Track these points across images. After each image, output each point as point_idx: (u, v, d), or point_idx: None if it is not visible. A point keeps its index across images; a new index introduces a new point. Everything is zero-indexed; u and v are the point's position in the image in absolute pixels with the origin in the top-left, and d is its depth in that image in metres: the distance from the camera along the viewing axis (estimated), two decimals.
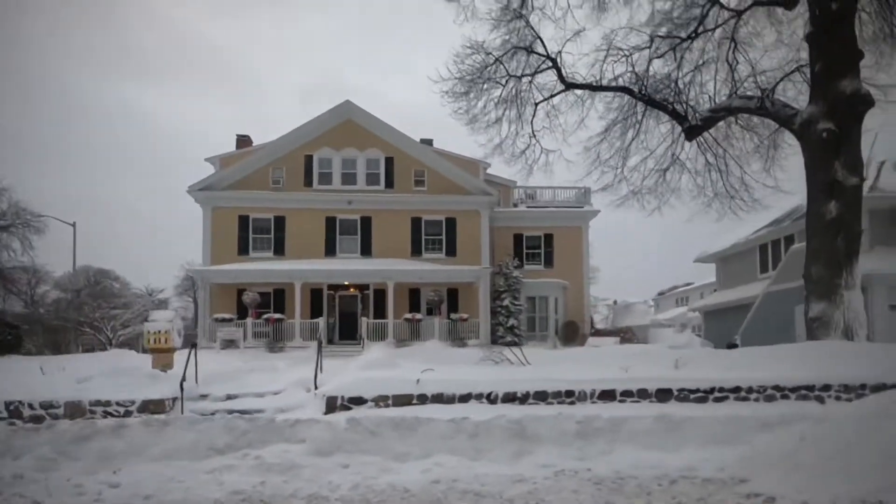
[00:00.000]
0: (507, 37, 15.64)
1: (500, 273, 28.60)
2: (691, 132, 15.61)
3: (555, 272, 30.67)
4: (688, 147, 16.89)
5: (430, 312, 26.03)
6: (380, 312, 25.37)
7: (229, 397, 10.31)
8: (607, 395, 9.76)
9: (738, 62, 16.92)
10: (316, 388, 9.96)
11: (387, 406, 9.21)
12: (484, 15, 15.48)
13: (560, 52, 15.92)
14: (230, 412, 9.18)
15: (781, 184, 16.58)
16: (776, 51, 16.14)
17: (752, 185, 16.73)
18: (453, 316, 25.72)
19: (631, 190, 16.83)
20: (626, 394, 9.80)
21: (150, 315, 12.07)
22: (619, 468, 6.90)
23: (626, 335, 30.22)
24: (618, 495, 6.34)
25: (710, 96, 15.89)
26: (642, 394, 9.82)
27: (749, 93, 15.35)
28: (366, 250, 26.70)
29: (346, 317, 27.29)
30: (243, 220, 26.02)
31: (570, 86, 16.12)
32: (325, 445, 7.08)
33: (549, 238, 30.83)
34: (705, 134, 16.54)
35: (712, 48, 17.09)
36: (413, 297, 26.94)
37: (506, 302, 28.37)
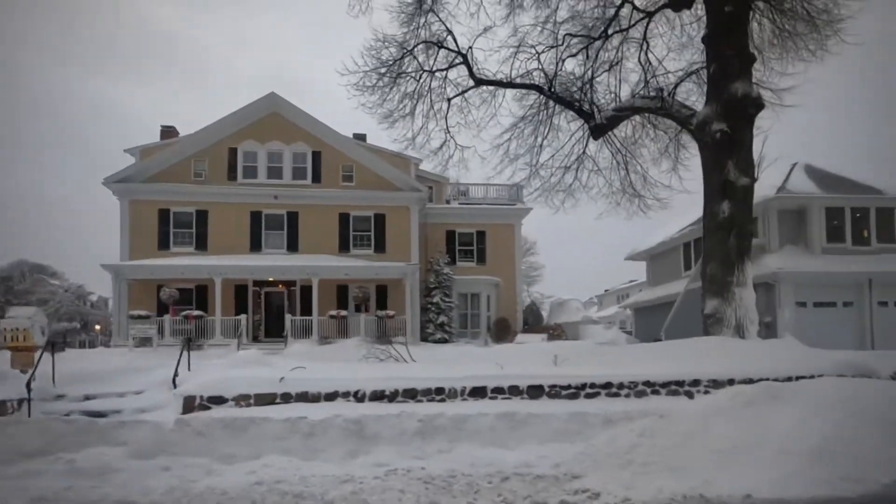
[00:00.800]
0: (418, 31, 15.48)
1: (430, 270, 28.54)
2: (597, 131, 15.77)
3: (487, 269, 30.81)
4: (599, 146, 17.08)
5: (358, 309, 25.78)
6: (308, 309, 24.95)
7: (87, 398, 9.89)
8: (478, 393, 9.69)
9: (649, 63, 17.18)
10: (175, 386, 9.63)
11: (248, 405, 8.95)
12: (389, 8, 15.29)
13: (471, 47, 15.89)
14: (85, 413, 8.80)
15: (686, 184, 16.92)
16: (685, 52, 16.45)
17: (658, 184, 17.02)
18: (380, 313, 25.51)
19: (542, 186, 16.94)
20: (498, 391, 9.76)
21: (8, 311, 11.44)
22: (454, 466, 6.83)
23: (556, 332, 30.50)
24: (444, 494, 6.25)
25: (615, 95, 16.06)
26: (514, 390, 9.79)
27: (653, 93, 15.57)
28: (292, 246, 26.25)
29: (272, 314, 26.83)
30: (163, 214, 25.23)
31: (480, 82, 16.08)
32: (147, 448, 6.81)
33: (481, 235, 30.93)
34: (615, 133, 16.75)
35: (625, 48, 17.31)
36: (341, 293, 26.63)
37: (436, 299, 28.33)
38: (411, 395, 9.53)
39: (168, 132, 28.18)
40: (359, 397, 9.35)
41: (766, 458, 6.90)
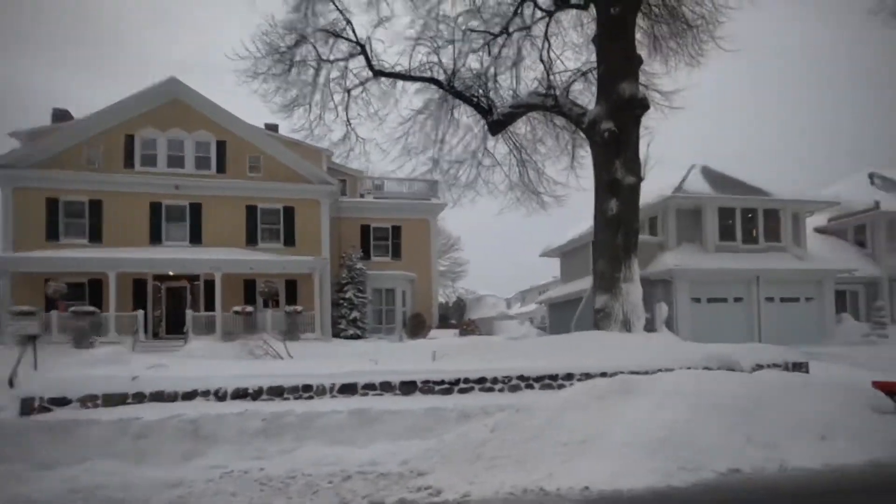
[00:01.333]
0: (307, 17, 15.04)
1: (343, 265, 28.07)
2: (495, 127, 15.86)
3: (403, 264, 30.60)
4: (498, 141, 17.18)
5: (266, 305, 25.02)
6: (213, 304, 23.96)
7: None
8: (348, 389, 9.47)
9: (550, 61, 17.40)
10: (12, 386, 8.92)
11: (95, 406, 8.37)
12: None
13: (369, 37, 15.61)
14: None
15: (583, 182, 17.28)
16: (584, 51, 16.74)
17: (554, 182, 17.30)
18: (288, 308, 24.86)
19: (444, 181, 16.87)
20: (369, 387, 9.57)
21: None
22: (296, 466, 6.60)
23: (469, 327, 30.69)
24: (280, 496, 6.00)
25: (514, 92, 16.18)
26: (386, 387, 9.63)
27: (547, 90, 15.77)
28: (195, 238, 25.17)
29: (173, 309, 25.65)
30: (52, 203, 23.62)
31: (378, 73, 15.84)
32: None
33: (397, 230, 30.69)
34: (514, 131, 16.91)
35: (527, 46, 17.46)
36: (248, 288, 25.74)
37: (349, 294, 27.90)
38: (277, 392, 9.19)
39: (61, 116, 26.40)
40: (220, 396, 8.94)
41: (610, 449, 7.02)
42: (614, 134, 14.09)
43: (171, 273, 24.52)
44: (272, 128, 28.01)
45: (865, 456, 7.60)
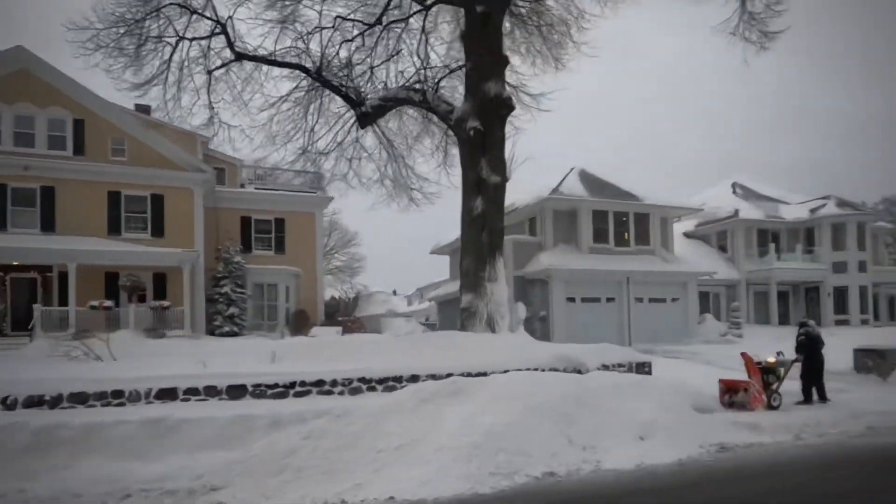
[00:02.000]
0: None
1: (220, 258, 26.60)
2: (363, 119, 15.42)
3: (287, 259, 29.45)
4: (372, 136, 16.74)
5: (130, 299, 23.18)
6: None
7: None
8: (167, 395, 8.71)
9: (428, 55, 17.14)
10: None
11: None
12: None
13: (231, 17, 14.66)
14: None
15: (455, 179, 17.15)
16: (458, 47, 16.54)
17: (426, 179, 17.12)
18: (153, 304, 23.19)
19: (315, 172, 16.20)
20: (192, 392, 8.86)
21: None
22: (67, 486, 5.86)
23: (354, 325, 30.10)
24: None
25: (384, 84, 15.79)
26: (211, 391, 8.96)
27: (417, 85, 15.52)
28: (47, 225, 22.90)
29: (20, 304, 23.23)
30: None
31: (240, 56, 14.94)
32: None
33: (280, 223, 29.49)
34: (386, 125, 16.55)
35: (405, 39, 17.11)
36: (110, 281, 23.73)
37: (226, 289, 26.42)
38: (80, 399, 8.29)
39: None
40: (8, 404, 7.92)
41: (424, 456, 6.78)
42: (480, 133, 14.03)
43: (14, 262, 22.16)
44: (144, 110, 26.07)
45: (678, 455, 7.82)
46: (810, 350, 13.36)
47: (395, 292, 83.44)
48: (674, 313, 25.58)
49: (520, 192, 26.72)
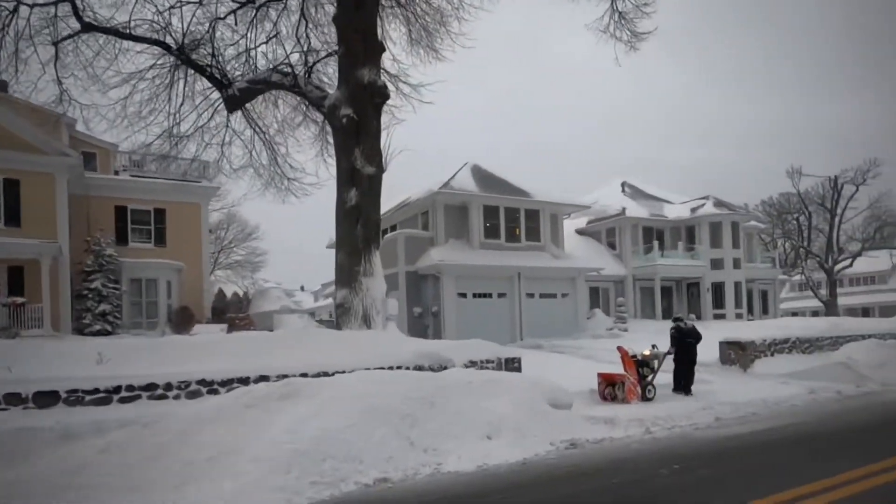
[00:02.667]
0: None
1: (89, 250, 24.45)
2: (231, 102, 14.42)
3: (168, 252, 27.54)
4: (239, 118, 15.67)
5: None
6: None
7: None
8: None
9: (308, 38, 16.28)
10: None
11: None
12: None
13: None
14: None
15: (333, 170, 16.41)
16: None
17: (301, 170, 16.32)
18: (4, 300, 20.92)
19: (201, 160, 14.97)
20: None
21: None
22: None
23: (244, 322, 28.64)
24: None
25: (255, 66, 14.81)
26: (13, 399, 7.85)
27: (287, 69, 14.66)
28: None
29: None
30: None
31: (89, 27, 13.51)
32: None
33: (160, 213, 27.52)
34: (262, 111, 15.62)
35: (286, 19, 16.17)
36: None
37: (96, 284, 24.31)
38: None
39: None
40: None
41: (238, 467, 6.14)
42: (353, 121, 13.42)
43: None
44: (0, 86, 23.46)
45: (525, 454, 7.60)
46: (680, 343, 13.90)
47: (302, 288, 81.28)
48: (564, 308, 26.06)
49: (416, 188, 26.40)
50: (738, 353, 16.52)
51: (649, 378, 12.87)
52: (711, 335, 18.31)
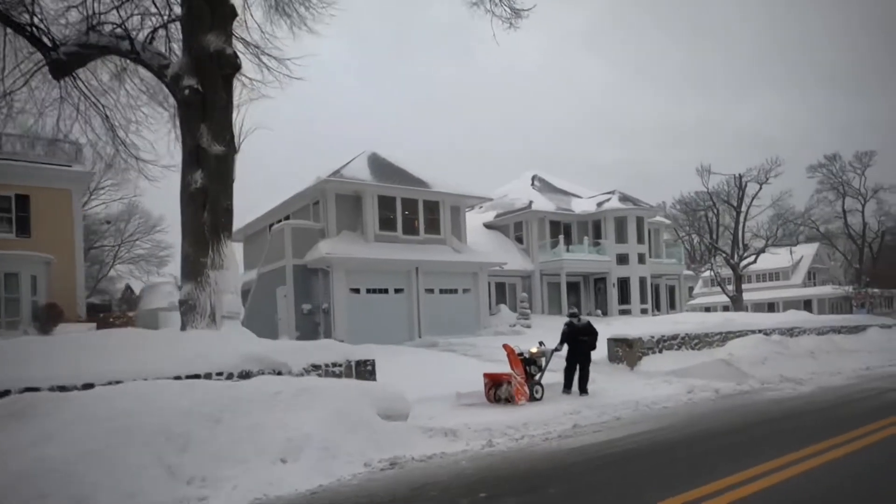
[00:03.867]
0: None
1: None
2: (57, 68, 12.48)
3: (34, 243, 24.83)
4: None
5: None
6: None
7: None
8: None
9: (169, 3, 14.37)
10: None
11: None
12: None
13: None
14: None
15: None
16: None
17: (156, 147, 14.49)
18: None
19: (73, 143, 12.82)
20: None
21: None
22: None
23: (120, 319, 26.22)
24: None
25: (87, 27, 12.82)
26: None
27: (121, 32, 12.80)
28: None
29: None
30: None
31: None
32: None
33: (23, 200, 24.76)
34: (100, 79, 13.68)
35: None
36: None
37: None
38: None
39: None
40: None
41: None
42: (198, 93, 11.77)
43: None
44: None
45: (323, 479, 6.35)
46: (571, 340, 13.09)
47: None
48: (466, 304, 25.10)
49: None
50: (625, 351, 15.93)
51: (537, 377, 12.19)
52: (613, 331, 17.76)
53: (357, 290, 22.30)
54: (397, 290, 23.33)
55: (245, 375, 9.26)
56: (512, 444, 8.05)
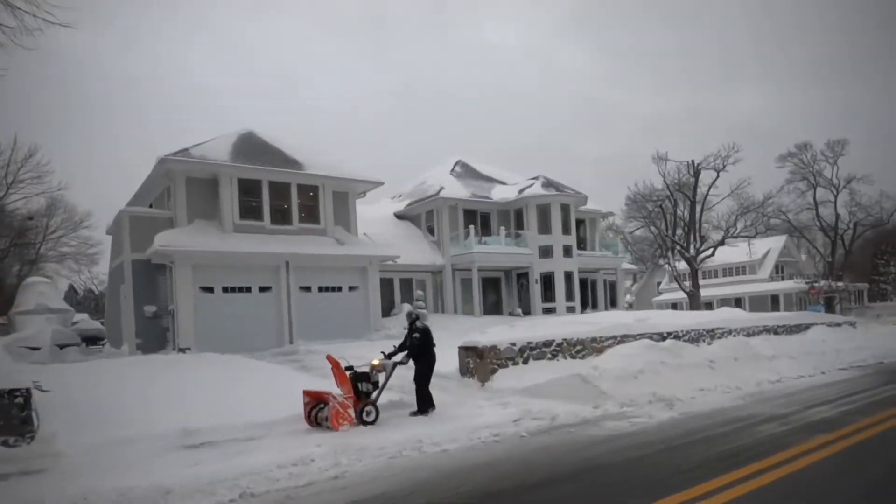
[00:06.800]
0: None
1: None
2: None
3: None
4: None
5: None
6: None
7: None
8: None
9: None
10: None
11: None
12: None
13: None
14: None
15: None
16: None
17: None
18: None
19: None
20: None
21: None
22: None
23: None
24: None
25: None
26: None
27: None
28: None
29: None
30: None
31: None
32: None
33: None
34: None
35: None
36: None
37: None
38: None
39: None
40: None
41: None
42: None
43: None
44: None
45: None
46: (424, 349, 10.47)
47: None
48: (353, 304, 22.03)
49: None
50: (475, 362, 12.95)
51: (373, 396, 9.75)
52: (516, 335, 14.76)
53: (209, 289, 19.17)
54: (263, 289, 20.23)
55: None
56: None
